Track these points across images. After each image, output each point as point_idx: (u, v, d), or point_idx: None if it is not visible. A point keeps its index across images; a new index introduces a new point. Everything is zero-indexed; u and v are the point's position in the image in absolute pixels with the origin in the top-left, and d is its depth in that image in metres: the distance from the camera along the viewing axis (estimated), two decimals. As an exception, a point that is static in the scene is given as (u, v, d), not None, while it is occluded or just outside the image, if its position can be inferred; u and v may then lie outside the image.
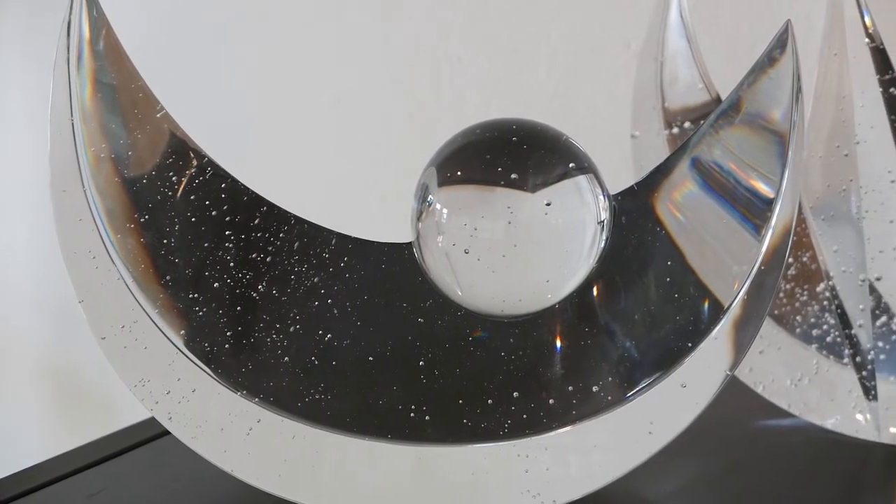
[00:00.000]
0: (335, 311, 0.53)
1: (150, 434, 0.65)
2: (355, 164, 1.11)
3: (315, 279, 0.53)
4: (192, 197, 0.52)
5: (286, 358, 0.52)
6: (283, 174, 1.11)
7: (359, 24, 1.09)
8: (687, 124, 0.68)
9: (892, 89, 0.60)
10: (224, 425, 0.52)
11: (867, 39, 0.59)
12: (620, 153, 0.73)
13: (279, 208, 0.53)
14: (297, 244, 0.53)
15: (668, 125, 0.70)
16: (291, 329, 0.52)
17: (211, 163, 0.52)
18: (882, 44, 0.59)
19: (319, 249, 0.53)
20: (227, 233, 0.52)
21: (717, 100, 0.66)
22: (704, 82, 0.69)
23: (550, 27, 1.00)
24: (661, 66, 0.70)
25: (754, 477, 0.61)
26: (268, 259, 0.53)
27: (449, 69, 1.05)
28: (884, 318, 0.62)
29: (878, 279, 0.62)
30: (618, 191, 0.52)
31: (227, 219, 0.52)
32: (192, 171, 0.52)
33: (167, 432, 0.53)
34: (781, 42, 0.48)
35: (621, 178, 0.55)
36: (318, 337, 0.52)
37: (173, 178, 0.52)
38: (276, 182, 0.61)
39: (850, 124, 0.61)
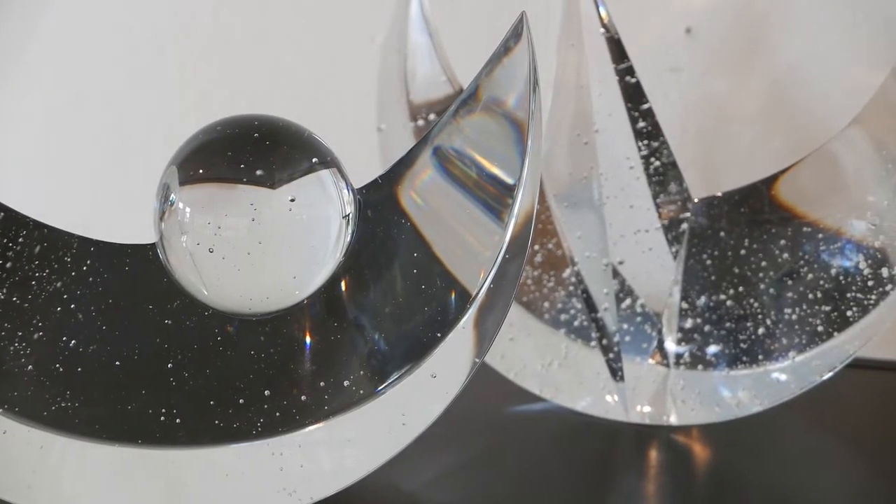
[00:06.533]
0: (79, 317, 0.51)
1: None
2: (96, 165, 1.08)
3: (57, 284, 0.51)
4: (-77, 204, 0.50)
5: (30, 366, 0.50)
6: (22, 177, 1.08)
7: (100, 19, 1.07)
8: (432, 116, 0.69)
9: (627, 77, 0.61)
10: (-32, 439, 0.50)
11: (602, 30, 0.61)
12: (368, 147, 0.74)
13: (17, 212, 0.51)
14: (37, 249, 0.51)
15: (414, 118, 0.70)
16: (35, 336, 0.51)
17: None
18: (617, 34, 0.61)
19: (61, 253, 0.52)
20: (-39, 240, 0.50)
21: (461, 92, 0.67)
22: (447, 75, 0.69)
23: (293, 21, 0.99)
24: (404, 60, 0.71)
25: (509, 461, 0.62)
26: (7, 265, 0.51)
27: (191, 67, 1.03)
28: (628, 301, 0.64)
29: (620, 263, 0.64)
30: (363, 184, 0.52)
31: (-37, 225, 0.51)
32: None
33: None
34: (517, 32, 0.49)
35: (370, 171, 0.55)
36: (62, 343, 0.51)
37: None
38: (13, 186, 0.60)
39: (589, 113, 0.62)
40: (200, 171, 0.48)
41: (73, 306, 0.51)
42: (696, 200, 0.64)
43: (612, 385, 0.65)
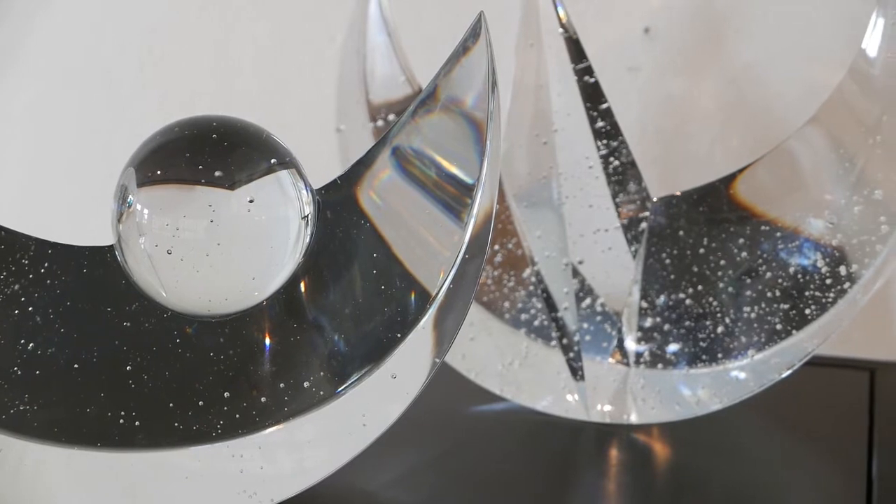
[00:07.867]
0: (37, 319, 0.51)
1: None
2: (55, 167, 1.08)
3: (15, 286, 0.51)
4: None
5: (-13, 370, 0.50)
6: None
7: (58, 21, 1.06)
8: (391, 116, 0.69)
9: (586, 77, 0.61)
10: (-74, 443, 0.50)
11: (561, 30, 0.61)
12: (327, 147, 0.74)
13: (-28, 215, 0.51)
14: (-6, 251, 0.51)
15: (373, 118, 0.70)
16: (-8, 340, 0.50)
17: None
18: (575, 34, 0.61)
19: (18, 256, 0.51)
20: (-83, 243, 0.50)
21: (420, 92, 0.67)
22: (406, 75, 0.69)
23: (252, 21, 0.99)
24: (363, 60, 0.70)
25: (470, 461, 0.62)
26: (-37, 268, 0.51)
27: (151, 67, 1.03)
28: (588, 300, 0.64)
29: (580, 262, 0.64)
30: (323, 185, 0.52)
31: (-82, 228, 0.50)
32: None
33: None
34: (475, 32, 0.49)
35: (329, 171, 0.55)
36: (20, 346, 0.50)
37: None
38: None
39: (548, 113, 0.62)
40: (158, 172, 0.48)
41: (30, 309, 0.51)
42: (655, 200, 0.64)
43: (573, 384, 0.66)
